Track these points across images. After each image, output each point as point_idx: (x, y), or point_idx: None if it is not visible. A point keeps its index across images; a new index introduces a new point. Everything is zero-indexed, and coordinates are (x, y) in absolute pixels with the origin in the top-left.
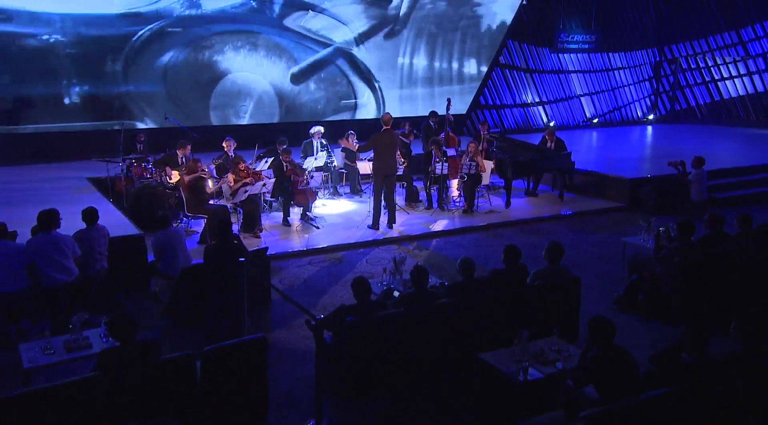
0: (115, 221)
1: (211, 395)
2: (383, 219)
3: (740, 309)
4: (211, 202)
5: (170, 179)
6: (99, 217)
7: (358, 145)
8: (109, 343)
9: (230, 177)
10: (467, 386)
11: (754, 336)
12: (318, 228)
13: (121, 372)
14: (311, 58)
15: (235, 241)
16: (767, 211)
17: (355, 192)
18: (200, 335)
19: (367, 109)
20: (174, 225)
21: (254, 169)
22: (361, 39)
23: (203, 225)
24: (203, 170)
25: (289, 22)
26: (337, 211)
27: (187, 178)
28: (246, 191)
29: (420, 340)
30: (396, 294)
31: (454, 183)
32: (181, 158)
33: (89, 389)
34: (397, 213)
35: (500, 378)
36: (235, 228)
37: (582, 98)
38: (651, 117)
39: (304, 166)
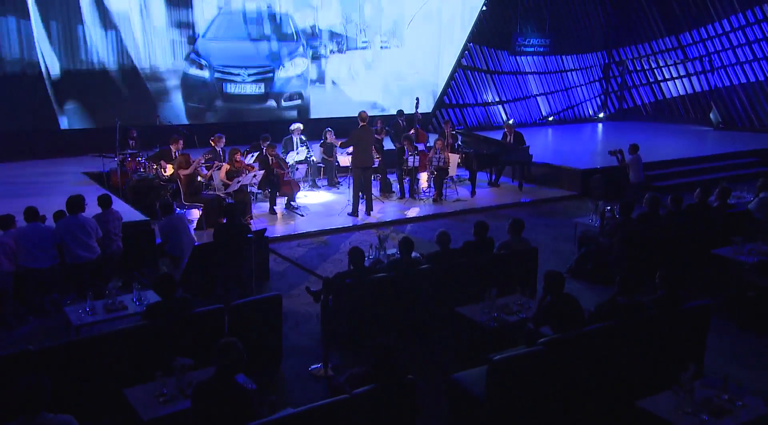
0: (120, 209)
1: None
2: (361, 207)
3: (664, 266)
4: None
5: (165, 172)
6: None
7: (340, 142)
8: (141, 306)
9: (224, 168)
10: (447, 333)
11: (672, 284)
12: (302, 215)
13: (164, 322)
14: None
15: (241, 221)
16: None
17: (332, 184)
18: (211, 304)
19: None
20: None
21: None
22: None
23: (198, 213)
24: (195, 162)
25: None
26: (318, 201)
27: (183, 173)
28: (238, 181)
29: (406, 298)
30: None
31: (424, 175)
32: (175, 152)
33: (139, 335)
34: (373, 202)
35: (474, 326)
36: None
37: (538, 97)
38: (601, 115)
39: (287, 160)
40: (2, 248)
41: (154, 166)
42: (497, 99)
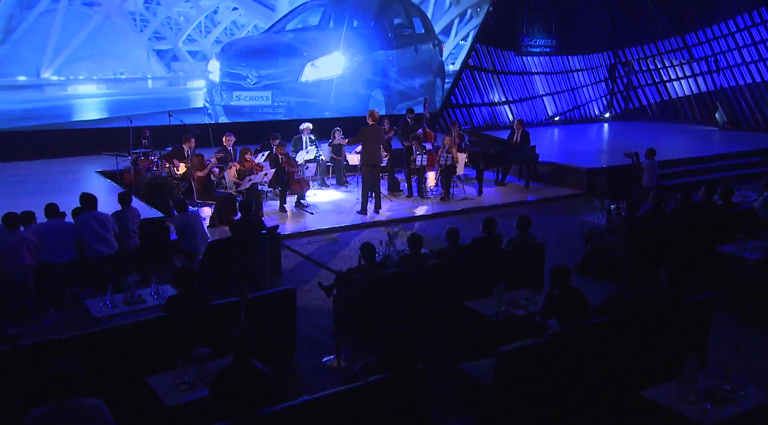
0: (135, 206)
1: None
2: (370, 205)
3: (668, 261)
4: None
5: (177, 171)
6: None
7: (347, 139)
8: (159, 300)
9: (234, 167)
10: (456, 327)
11: (677, 279)
12: (312, 214)
13: (184, 314)
14: None
15: (255, 217)
16: None
17: (341, 183)
18: (225, 298)
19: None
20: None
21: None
22: None
23: (210, 211)
24: (209, 162)
25: None
26: (327, 200)
27: (200, 174)
28: (250, 180)
29: (416, 293)
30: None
31: (431, 174)
32: (187, 151)
33: (160, 326)
34: (382, 200)
35: (483, 319)
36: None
37: (544, 98)
38: (607, 115)
39: (296, 159)
40: (25, 243)
41: (167, 165)
42: (504, 99)
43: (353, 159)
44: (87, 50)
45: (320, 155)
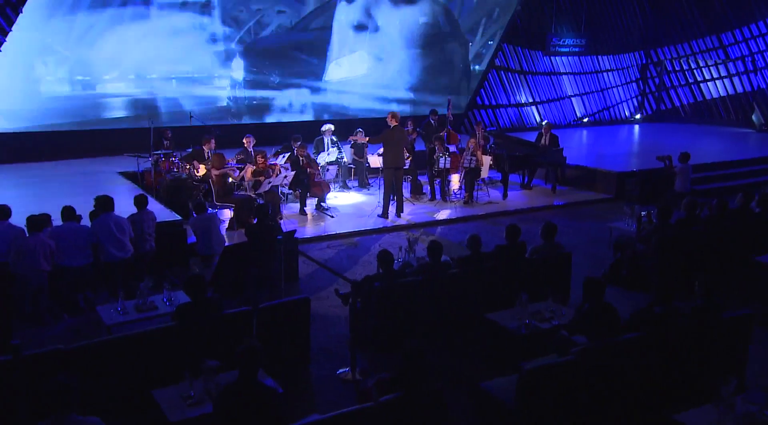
0: (154, 209)
1: (265, 344)
2: (392, 208)
3: (703, 273)
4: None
5: (198, 172)
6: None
7: (368, 138)
8: (171, 307)
9: (249, 169)
10: (477, 340)
11: (712, 292)
12: (332, 217)
13: (193, 323)
14: None
15: (272, 222)
16: None
17: (363, 185)
18: (241, 304)
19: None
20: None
21: (270, 162)
22: None
23: (230, 214)
24: (227, 164)
25: None
26: (348, 202)
27: (216, 173)
28: (269, 182)
29: (435, 303)
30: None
31: (455, 177)
32: (207, 153)
33: (168, 336)
34: (404, 203)
35: (505, 332)
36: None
37: (573, 98)
38: (638, 116)
39: (318, 161)
40: (42, 248)
41: (187, 166)
42: (531, 100)
43: (375, 161)
44: (151, 52)
45: (342, 157)
